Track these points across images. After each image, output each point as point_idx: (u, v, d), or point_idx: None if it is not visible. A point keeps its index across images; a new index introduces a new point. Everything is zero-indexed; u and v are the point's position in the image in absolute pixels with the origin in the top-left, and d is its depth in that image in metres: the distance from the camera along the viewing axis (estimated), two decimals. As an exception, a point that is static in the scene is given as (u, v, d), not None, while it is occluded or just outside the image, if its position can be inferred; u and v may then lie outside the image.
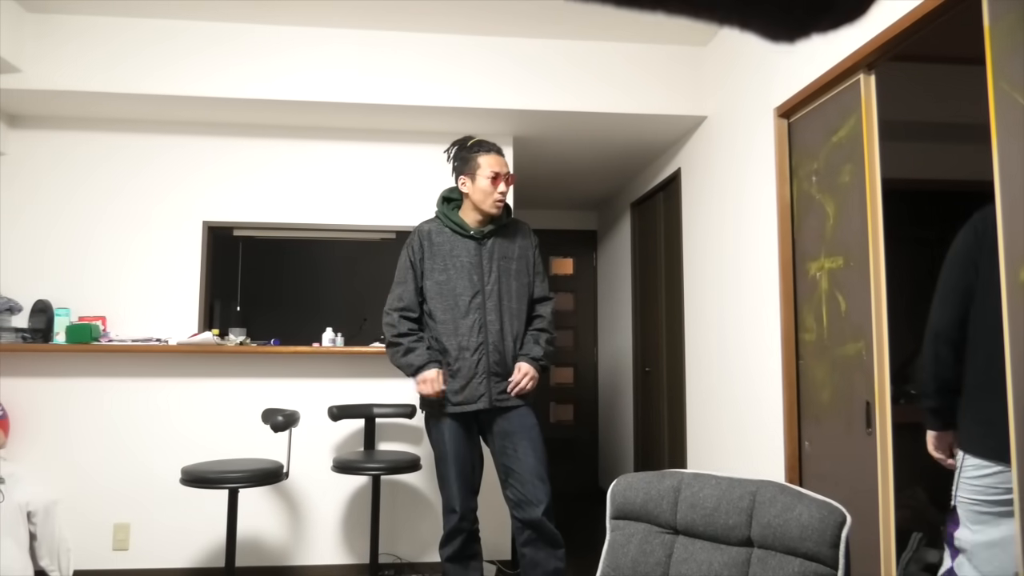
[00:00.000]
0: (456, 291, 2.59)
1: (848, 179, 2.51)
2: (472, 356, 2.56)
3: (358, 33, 3.61)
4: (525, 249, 2.74)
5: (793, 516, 1.43)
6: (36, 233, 3.69)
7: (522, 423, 2.60)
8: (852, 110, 2.49)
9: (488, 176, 2.63)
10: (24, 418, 3.53)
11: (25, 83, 3.37)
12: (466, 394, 2.55)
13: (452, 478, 2.60)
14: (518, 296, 2.66)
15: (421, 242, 2.68)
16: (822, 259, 2.65)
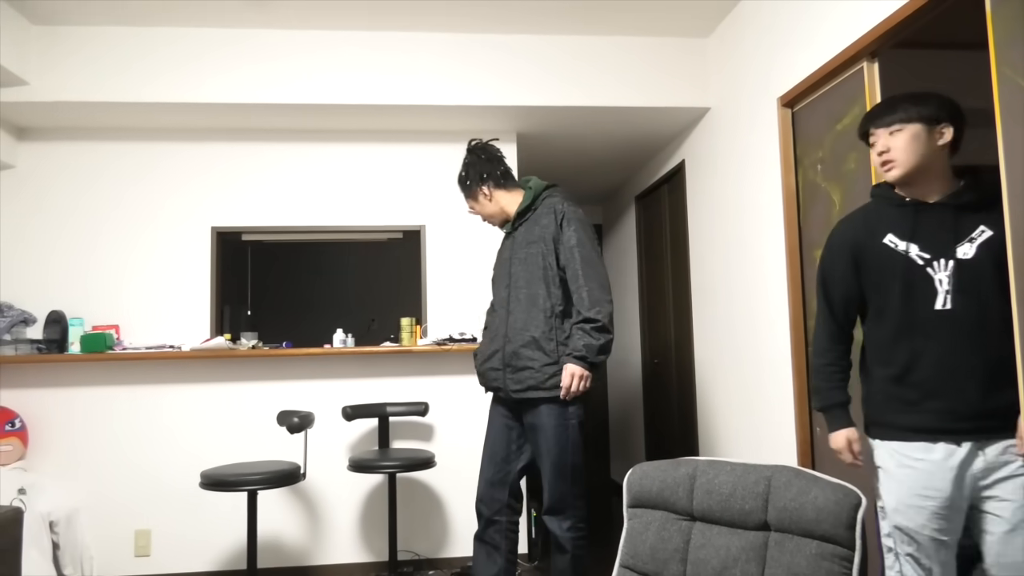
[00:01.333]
0: (497, 286, 2.74)
1: (853, 166, 2.52)
2: (493, 345, 2.63)
3: (361, 35, 3.63)
4: (547, 229, 2.58)
5: (809, 499, 1.45)
6: (48, 244, 3.73)
7: (543, 422, 2.51)
8: (856, 98, 2.50)
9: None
10: (43, 429, 3.57)
11: (32, 95, 3.41)
12: (487, 378, 2.66)
13: (483, 461, 2.70)
14: (536, 282, 2.56)
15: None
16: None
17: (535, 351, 2.51)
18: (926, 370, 1.78)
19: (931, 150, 1.81)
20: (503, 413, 2.67)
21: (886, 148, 1.84)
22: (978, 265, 1.75)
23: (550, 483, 2.54)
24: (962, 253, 1.77)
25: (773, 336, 3.06)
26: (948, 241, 1.79)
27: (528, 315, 2.54)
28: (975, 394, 1.74)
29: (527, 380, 2.52)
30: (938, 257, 1.78)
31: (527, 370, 2.51)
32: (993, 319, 1.75)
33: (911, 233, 1.83)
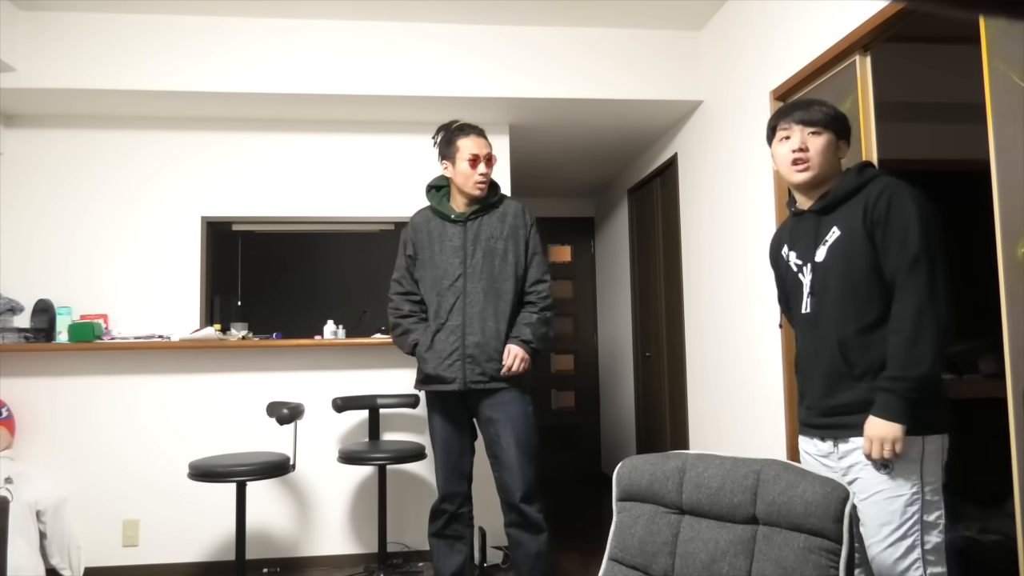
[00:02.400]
0: (440, 275, 2.63)
1: (845, 160, 2.51)
2: (448, 338, 2.58)
3: (351, 24, 3.60)
4: (516, 229, 2.68)
5: (797, 493, 1.46)
6: (36, 232, 3.70)
7: (506, 411, 2.59)
8: (848, 91, 2.50)
9: (467, 159, 2.63)
10: (30, 418, 3.55)
11: (20, 82, 3.37)
12: (442, 375, 2.59)
13: (438, 460, 2.71)
14: (503, 277, 2.62)
15: (414, 233, 2.74)
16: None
17: (498, 343, 2.59)
18: (800, 369, 1.93)
19: (835, 161, 1.86)
20: (449, 411, 2.66)
21: (804, 146, 1.83)
22: (828, 267, 1.80)
23: (522, 470, 2.59)
24: (819, 256, 1.83)
25: (764, 330, 3.07)
26: (811, 245, 1.86)
27: (495, 308, 2.60)
28: (818, 391, 1.83)
29: (491, 371, 2.58)
30: (806, 262, 1.87)
31: (492, 361, 2.57)
32: (834, 317, 1.78)
33: (791, 240, 1.93)
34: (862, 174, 1.81)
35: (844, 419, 1.78)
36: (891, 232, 1.70)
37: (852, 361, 1.75)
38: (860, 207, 1.76)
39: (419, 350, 2.64)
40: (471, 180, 2.63)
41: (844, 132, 1.87)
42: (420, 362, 2.66)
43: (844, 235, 1.78)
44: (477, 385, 2.57)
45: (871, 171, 1.83)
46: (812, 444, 1.88)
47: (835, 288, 1.79)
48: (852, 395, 1.76)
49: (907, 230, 1.68)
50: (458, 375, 2.57)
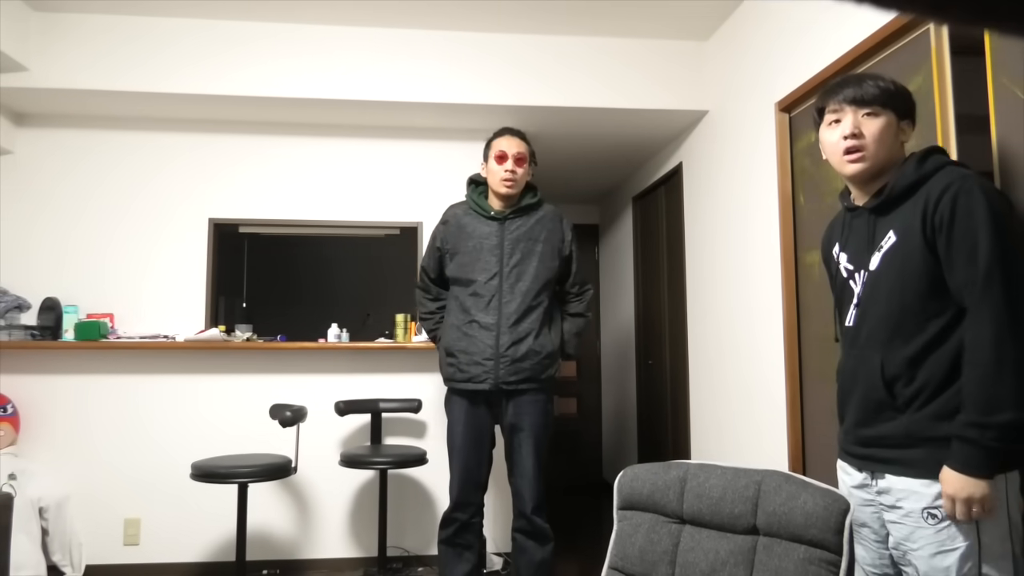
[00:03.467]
0: (475, 271, 2.64)
1: (911, 144, 2.39)
2: (482, 336, 2.58)
3: (360, 30, 3.63)
4: (553, 233, 2.74)
5: (798, 504, 1.46)
6: (44, 231, 3.72)
7: (532, 421, 2.63)
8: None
9: (495, 155, 2.69)
10: (34, 415, 3.56)
11: (31, 81, 3.40)
12: (470, 373, 2.59)
13: (455, 468, 2.67)
14: (538, 279, 2.65)
15: (447, 226, 2.77)
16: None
17: (534, 342, 2.60)
18: (840, 388, 1.69)
19: (896, 147, 1.57)
20: (477, 412, 2.65)
21: (858, 130, 1.54)
22: (879, 277, 1.55)
23: (536, 480, 2.62)
24: (872, 264, 1.57)
25: (767, 340, 3.07)
26: (865, 250, 1.60)
27: (530, 309, 2.62)
28: (854, 418, 1.61)
29: (525, 372, 2.59)
30: (858, 268, 1.62)
31: (525, 360, 2.59)
32: (880, 338, 1.54)
33: (843, 240, 1.68)
34: (923, 164, 1.50)
35: (881, 452, 1.55)
36: (956, 239, 1.41)
37: (895, 390, 1.51)
38: (920, 207, 1.47)
39: (449, 347, 2.65)
40: (498, 177, 2.68)
41: (907, 111, 1.56)
42: (448, 358, 2.66)
43: (899, 241, 1.50)
44: (509, 386, 2.58)
45: (936, 160, 1.51)
46: (845, 471, 1.70)
47: (884, 303, 1.53)
48: (892, 427, 1.52)
49: (977, 237, 1.38)
50: (490, 375, 2.57)
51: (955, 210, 1.41)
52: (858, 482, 1.64)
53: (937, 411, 1.46)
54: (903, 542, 1.52)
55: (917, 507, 1.48)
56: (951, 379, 1.45)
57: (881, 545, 1.63)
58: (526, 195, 2.77)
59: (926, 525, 1.46)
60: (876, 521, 1.62)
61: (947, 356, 1.46)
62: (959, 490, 1.38)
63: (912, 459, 1.49)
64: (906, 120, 1.58)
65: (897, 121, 1.56)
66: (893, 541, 1.56)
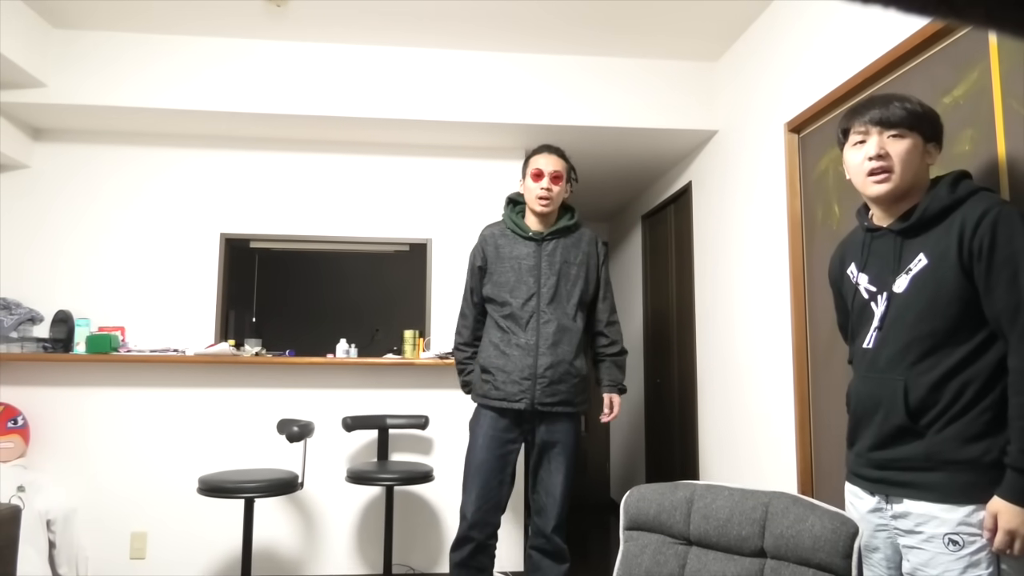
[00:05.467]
0: (512, 292, 2.63)
1: (968, 147, 2.07)
2: (521, 356, 2.57)
3: (372, 49, 3.67)
4: (589, 257, 2.75)
5: (806, 527, 1.45)
6: (57, 244, 3.77)
7: (564, 441, 2.62)
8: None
9: (532, 172, 2.68)
10: (45, 427, 3.59)
11: (50, 97, 3.45)
12: (506, 391, 2.57)
13: (473, 486, 2.60)
14: (574, 302, 2.66)
15: (484, 248, 2.76)
16: None
17: (570, 366, 2.60)
18: (852, 411, 1.68)
19: (922, 169, 1.57)
20: (506, 431, 2.62)
21: (883, 151, 1.55)
22: (906, 299, 1.54)
23: (562, 500, 2.61)
24: (898, 286, 1.56)
25: (776, 361, 3.06)
26: (890, 271, 1.59)
27: (567, 331, 2.62)
28: (870, 441, 1.59)
29: (561, 394, 2.58)
30: (881, 290, 1.61)
31: (563, 383, 2.58)
32: (905, 361, 1.52)
33: (863, 261, 1.67)
34: (956, 188, 1.52)
35: (899, 475, 1.53)
36: (997, 266, 1.41)
37: (919, 415, 1.49)
38: (955, 232, 1.47)
39: (486, 364, 2.64)
40: (533, 194, 2.68)
41: (933, 134, 1.57)
42: (484, 375, 2.64)
43: (931, 265, 1.50)
44: (544, 407, 2.57)
45: (968, 184, 1.53)
46: (856, 494, 1.66)
47: (912, 327, 1.51)
48: (911, 449, 1.50)
49: (1018, 264, 1.40)
50: (527, 395, 2.56)
51: (995, 236, 1.42)
52: (871, 506, 1.60)
53: (959, 433, 1.44)
54: (921, 568, 1.48)
55: (939, 532, 1.44)
56: (975, 402, 1.44)
57: (894, 571, 1.60)
58: (563, 216, 2.77)
59: (947, 551, 1.43)
60: (890, 547, 1.59)
61: (972, 379, 1.45)
62: (1014, 524, 1.34)
63: (932, 483, 1.46)
64: (932, 143, 1.58)
65: (923, 144, 1.57)
66: (909, 567, 1.53)
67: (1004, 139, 1.83)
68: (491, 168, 4.07)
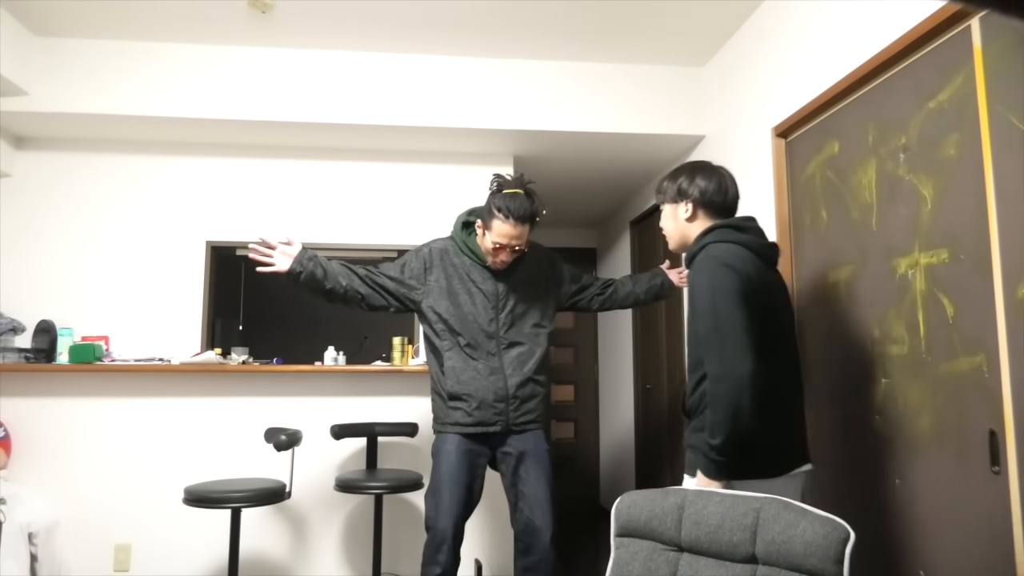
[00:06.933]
0: (471, 317, 2.58)
1: (954, 152, 2.00)
2: (491, 380, 2.54)
3: (360, 56, 3.66)
4: (548, 274, 2.76)
5: (797, 532, 1.44)
6: (40, 253, 3.72)
7: (536, 446, 2.60)
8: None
9: (493, 243, 2.54)
10: (26, 438, 3.53)
11: (31, 105, 3.42)
12: (480, 416, 2.53)
13: (447, 501, 2.51)
14: (536, 320, 2.67)
15: (432, 258, 2.65)
16: (916, 253, 2.14)
17: (536, 385, 2.62)
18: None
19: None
20: (472, 453, 2.56)
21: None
22: None
23: (551, 509, 2.58)
24: None
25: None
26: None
27: (530, 351, 2.62)
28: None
29: (531, 412, 2.61)
30: None
31: (531, 400, 2.60)
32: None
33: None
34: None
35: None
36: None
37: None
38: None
39: (455, 391, 2.54)
40: (489, 256, 2.60)
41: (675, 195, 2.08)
42: (453, 401, 2.55)
43: None
44: (518, 427, 2.57)
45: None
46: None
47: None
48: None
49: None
50: (502, 417, 2.54)
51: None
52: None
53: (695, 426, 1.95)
54: None
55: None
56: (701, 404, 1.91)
57: None
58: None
59: None
60: None
61: (706, 389, 1.87)
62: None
63: (689, 461, 1.95)
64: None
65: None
66: None
67: (990, 143, 1.84)
68: (479, 174, 4.05)
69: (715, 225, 1.96)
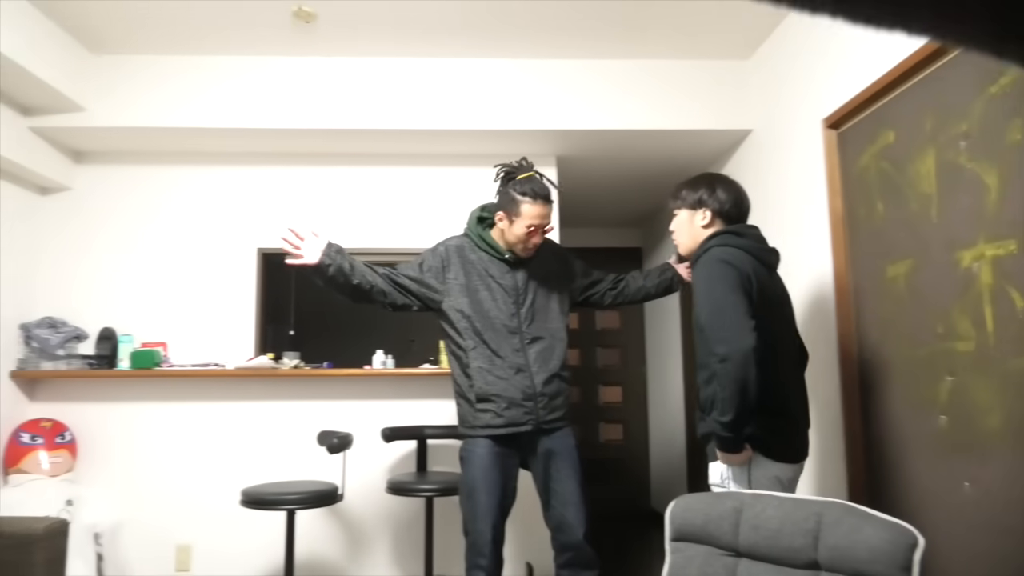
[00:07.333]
0: (493, 313, 2.56)
1: (1019, 138, 1.93)
2: (518, 379, 2.52)
3: (406, 61, 3.69)
4: (559, 264, 2.76)
5: (862, 538, 1.39)
6: (101, 262, 3.85)
7: (565, 444, 2.58)
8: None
9: (526, 227, 2.54)
10: (91, 442, 3.66)
11: (89, 121, 3.54)
12: (511, 416, 2.51)
13: (483, 506, 2.50)
14: (556, 315, 2.65)
15: (449, 255, 2.63)
16: (981, 245, 2.05)
17: (561, 381, 2.61)
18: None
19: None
20: (503, 454, 2.53)
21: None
22: None
23: (584, 504, 2.54)
24: None
25: (820, 365, 2.97)
26: None
27: (553, 346, 2.61)
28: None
29: (559, 409, 2.59)
30: None
31: (558, 397, 2.59)
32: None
33: None
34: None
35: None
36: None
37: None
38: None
39: (483, 392, 2.52)
40: (522, 245, 2.58)
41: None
42: (481, 403, 2.53)
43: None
44: (547, 425, 2.54)
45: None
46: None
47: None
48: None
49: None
50: (531, 416, 2.52)
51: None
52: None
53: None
54: None
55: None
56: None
57: None
58: None
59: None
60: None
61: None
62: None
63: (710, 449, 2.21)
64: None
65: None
66: None
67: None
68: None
69: (718, 231, 2.17)
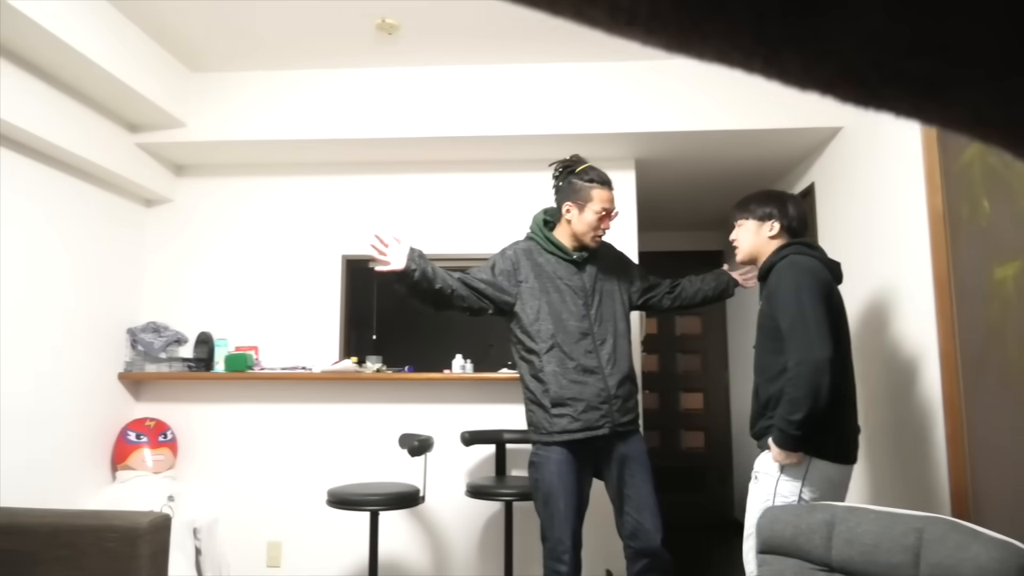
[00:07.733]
0: (565, 315, 2.55)
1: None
2: (593, 381, 2.50)
3: (483, 68, 3.73)
4: (618, 264, 2.79)
5: (968, 556, 1.31)
6: (198, 270, 4.06)
7: (638, 449, 2.58)
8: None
9: (597, 212, 2.58)
10: (190, 440, 3.86)
11: (189, 136, 3.75)
12: (587, 420, 2.48)
13: (561, 513, 2.47)
14: (621, 315, 2.67)
15: (518, 258, 2.65)
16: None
17: (632, 383, 2.62)
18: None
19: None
20: (578, 459, 2.50)
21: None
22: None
23: (658, 509, 2.52)
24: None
25: (919, 371, 2.81)
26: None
27: (623, 346, 2.61)
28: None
29: (631, 411, 2.59)
30: None
31: (631, 399, 2.59)
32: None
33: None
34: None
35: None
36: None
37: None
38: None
39: (558, 397, 2.50)
40: (593, 232, 2.61)
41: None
42: (557, 408, 2.50)
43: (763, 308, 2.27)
44: (622, 427, 2.53)
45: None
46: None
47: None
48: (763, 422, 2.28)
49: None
50: (607, 419, 2.50)
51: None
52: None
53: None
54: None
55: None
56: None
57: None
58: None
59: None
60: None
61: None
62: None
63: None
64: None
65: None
66: None
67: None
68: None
69: (792, 241, 2.32)
